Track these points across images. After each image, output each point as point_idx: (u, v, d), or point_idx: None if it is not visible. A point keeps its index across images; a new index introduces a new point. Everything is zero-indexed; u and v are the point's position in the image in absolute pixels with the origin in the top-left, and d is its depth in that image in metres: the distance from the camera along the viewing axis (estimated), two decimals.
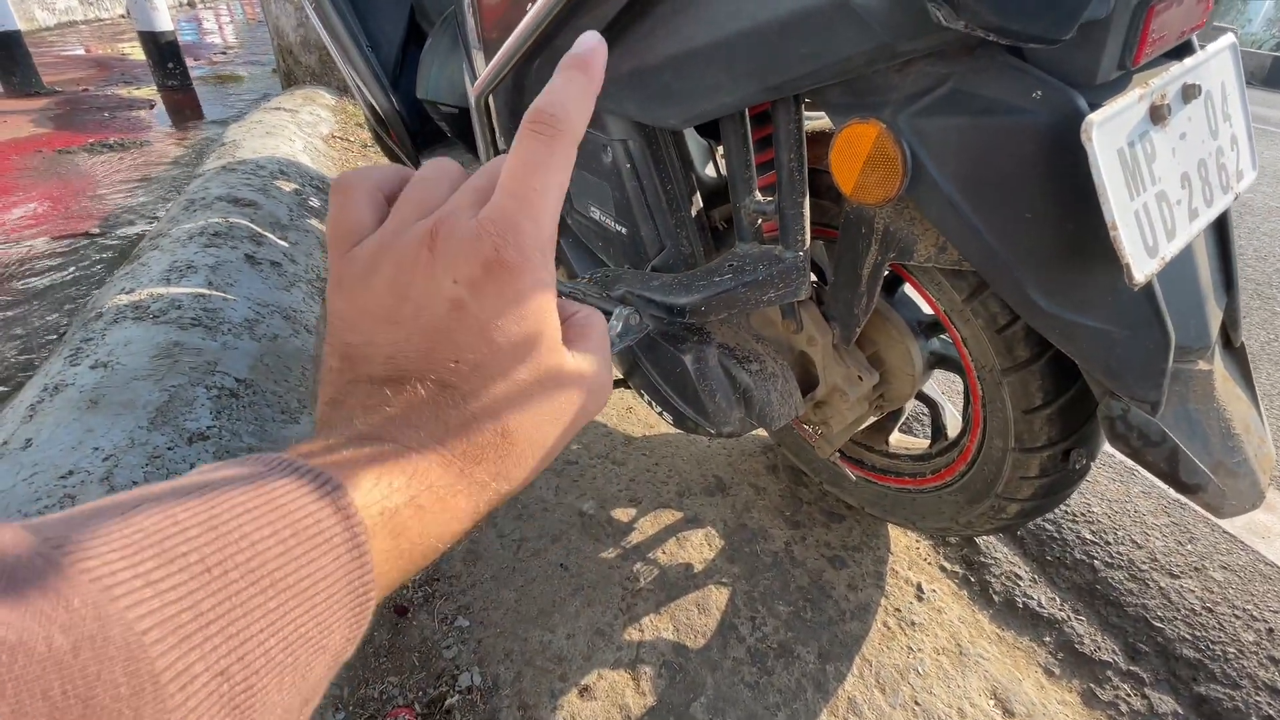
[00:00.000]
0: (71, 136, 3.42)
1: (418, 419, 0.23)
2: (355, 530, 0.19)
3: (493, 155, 1.08)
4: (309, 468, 0.19)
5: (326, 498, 0.19)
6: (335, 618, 0.18)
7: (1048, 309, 0.63)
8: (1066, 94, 0.55)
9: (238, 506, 0.17)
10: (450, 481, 0.23)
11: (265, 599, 0.16)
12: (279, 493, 0.18)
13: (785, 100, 0.68)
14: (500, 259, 0.23)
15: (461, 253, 0.23)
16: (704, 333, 0.92)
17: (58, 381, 1.14)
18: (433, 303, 0.23)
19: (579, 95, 0.24)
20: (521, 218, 0.23)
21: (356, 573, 0.19)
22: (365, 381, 0.24)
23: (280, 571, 0.17)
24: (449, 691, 0.92)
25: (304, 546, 0.18)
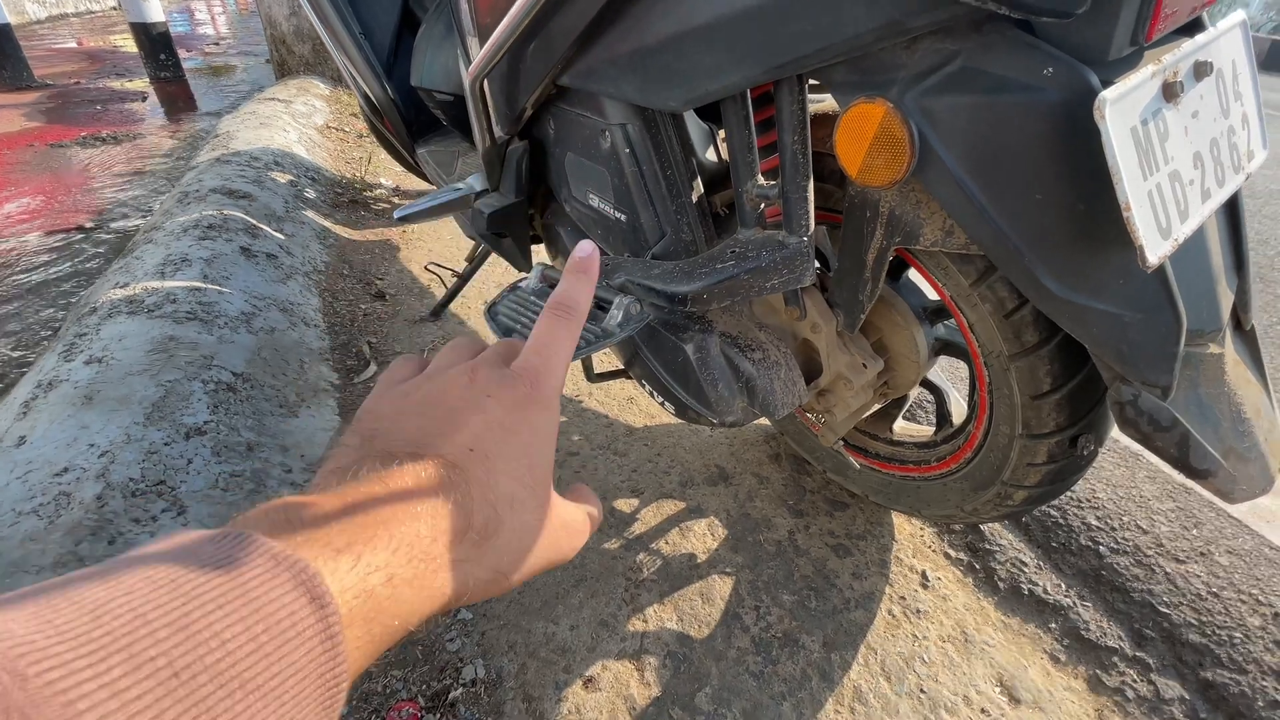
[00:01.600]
0: (64, 130, 3.39)
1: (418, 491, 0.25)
2: (330, 622, 0.19)
3: (488, 142, 1.06)
4: (285, 554, 0.19)
5: (301, 588, 0.19)
6: (304, 711, 0.18)
7: (1058, 293, 0.62)
8: (1079, 70, 0.54)
9: (209, 602, 0.17)
10: (431, 556, 0.24)
11: (233, 702, 0.16)
12: (252, 585, 0.18)
13: (789, 80, 0.66)
14: (530, 396, 0.30)
15: (499, 385, 0.30)
16: (705, 321, 0.91)
17: (52, 378, 1.13)
18: (466, 406, 0.29)
19: (586, 291, 0.34)
20: (545, 371, 0.31)
21: (328, 665, 0.19)
22: (381, 455, 0.26)
23: (250, 671, 0.17)
24: (453, 684, 0.91)
25: (276, 643, 0.18)
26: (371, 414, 0.30)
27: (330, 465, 0.27)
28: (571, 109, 0.92)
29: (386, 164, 2.95)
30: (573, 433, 1.39)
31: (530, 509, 0.28)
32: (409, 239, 2.29)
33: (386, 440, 0.27)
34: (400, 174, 2.83)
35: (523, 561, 0.28)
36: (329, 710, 0.19)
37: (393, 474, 0.25)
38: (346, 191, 2.59)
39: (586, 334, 0.80)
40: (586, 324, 0.82)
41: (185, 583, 0.17)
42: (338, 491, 0.24)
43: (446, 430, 0.28)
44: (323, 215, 2.27)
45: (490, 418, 0.28)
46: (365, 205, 2.53)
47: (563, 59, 0.81)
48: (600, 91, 0.82)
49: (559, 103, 0.94)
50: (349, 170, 2.82)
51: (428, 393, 0.30)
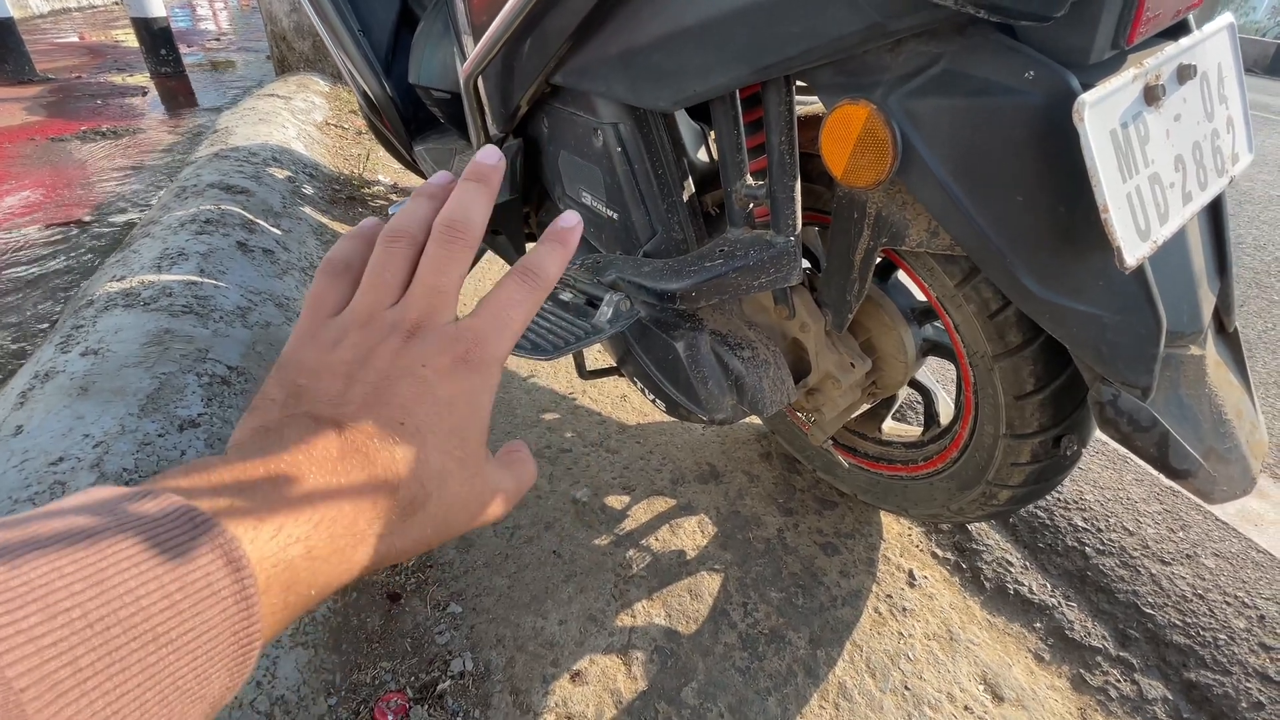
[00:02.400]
0: (64, 124, 3.39)
1: (345, 464, 0.24)
2: (245, 584, 0.19)
3: (482, 140, 1.07)
4: (204, 516, 0.20)
5: (218, 550, 0.19)
6: (216, 669, 0.19)
7: (1039, 294, 0.62)
8: (1059, 74, 0.54)
9: (125, 560, 0.17)
10: (354, 532, 0.24)
11: (145, 654, 0.17)
12: (170, 544, 0.18)
13: (776, 81, 0.67)
14: (469, 359, 0.28)
15: (435, 348, 0.28)
16: (696, 319, 0.91)
17: (48, 369, 1.14)
18: (398, 374, 0.27)
19: (558, 260, 0.32)
20: (494, 335, 0.29)
21: (242, 624, 0.19)
22: (307, 417, 0.25)
23: (163, 626, 0.17)
24: (441, 676, 0.92)
25: (190, 600, 0.18)
26: (295, 365, 0.28)
27: (253, 421, 0.26)
28: (565, 107, 0.92)
29: (385, 161, 2.95)
30: (565, 429, 1.40)
31: (460, 480, 0.27)
32: None
33: (312, 401, 0.26)
34: (398, 171, 2.84)
35: (446, 531, 0.27)
36: (241, 666, 0.20)
37: (317, 443, 0.24)
38: (344, 188, 2.59)
39: (576, 330, 0.81)
40: (577, 320, 0.83)
41: (102, 539, 0.17)
42: (261, 458, 0.23)
43: (375, 399, 0.26)
44: (320, 211, 2.27)
45: (424, 388, 0.27)
46: (363, 202, 2.53)
47: (555, 57, 0.82)
48: (593, 90, 0.83)
49: (553, 101, 0.94)
50: (347, 167, 2.83)
51: (357, 349, 0.28)
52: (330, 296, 0.31)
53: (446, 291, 0.29)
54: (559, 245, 0.32)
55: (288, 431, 0.25)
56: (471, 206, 0.31)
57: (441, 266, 0.29)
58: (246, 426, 0.26)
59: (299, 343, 0.29)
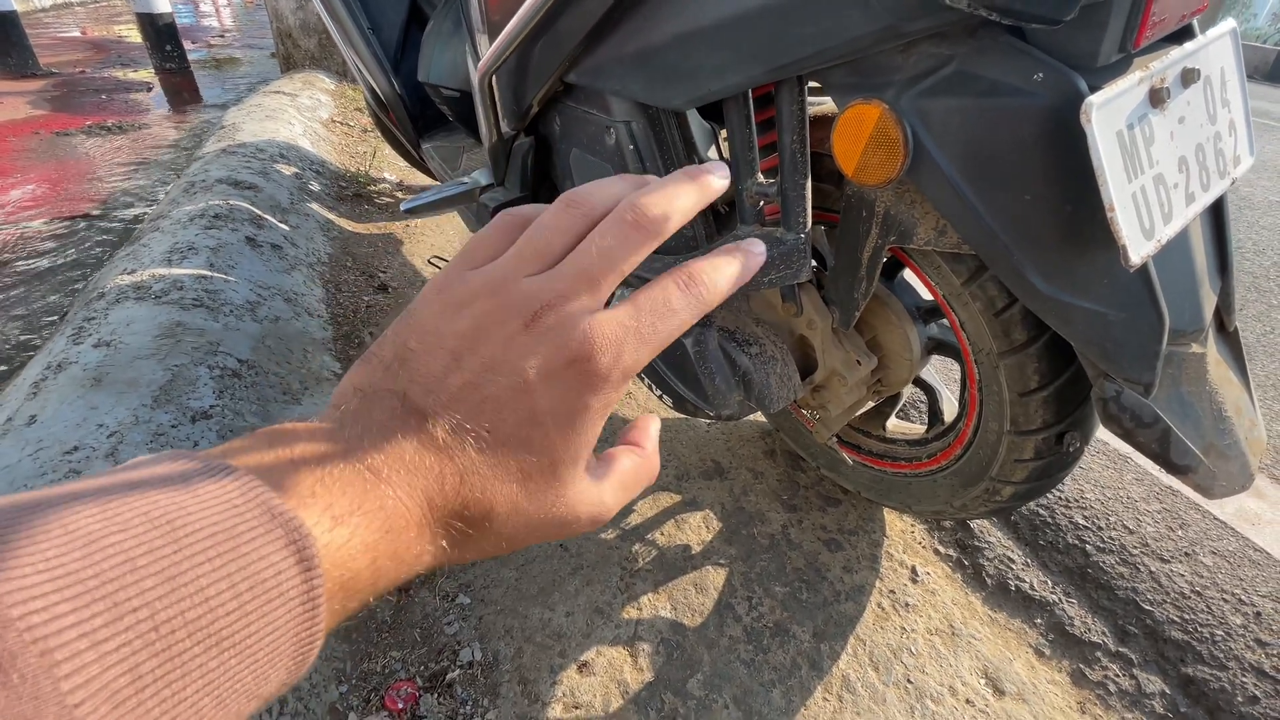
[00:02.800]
0: (69, 119, 3.40)
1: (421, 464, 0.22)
2: (314, 585, 0.19)
3: (494, 137, 1.08)
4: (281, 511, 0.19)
5: (292, 547, 0.18)
6: (275, 669, 0.18)
7: (1045, 291, 0.64)
8: (1067, 76, 0.56)
9: (199, 553, 0.17)
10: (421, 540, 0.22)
11: (208, 658, 0.16)
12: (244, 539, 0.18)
13: (789, 81, 0.68)
14: (589, 366, 0.23)
15: (558, 341, 0.23)
16: (704, 316, 0.93)
17: (61, 360, 1.15)
18: (500, 365, 0.23)
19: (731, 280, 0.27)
20: (630, 344, 0.24)
21: (306, 626, 0.19)
22: (397, 397, 0.23)
23: (230, 629, 0.17)
24: (450, 666, 0.93)
25: (259, 601, 0.17)
26: (414, 322, 0.25)
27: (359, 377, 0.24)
28: (577, 106, 0.94)
29: (390, 159, 2.97)
30: None
31: (536, 504, 0.24)
32: (412, 233, 2.31)
33: (410, 375, 0.24)
34: (404, 169, 2.85)
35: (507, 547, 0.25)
36: (299, 667, 0.19)
37: (398, 434, 0.22)
38: (350, 185, 2.61)
39: None
40: None
41: (179, 526, 0.17)
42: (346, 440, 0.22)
43: (469, 393, 0.23)
44: (327, 208, 2.28)
45: (522, 394, 0.23)
46: (369, 199, 2.55)
47: (570, 57, 0.83)
48: (606, 89, 0.84)
49: (565, 100, 0.96)
50: (353, 164, 2.84)
51: (474, 321, 0.24)
52: (489, 245, 0.27)
53: (600, 280, 0.25)
54: (739, 263, 0.27)
55: (377, 412, 0.23)
56: (675, 199, 0.26)
57: (609, 249, 0.25)
58: (354, 377, 0.24)
59: (432, 291, 0.26)
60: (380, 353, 0.24)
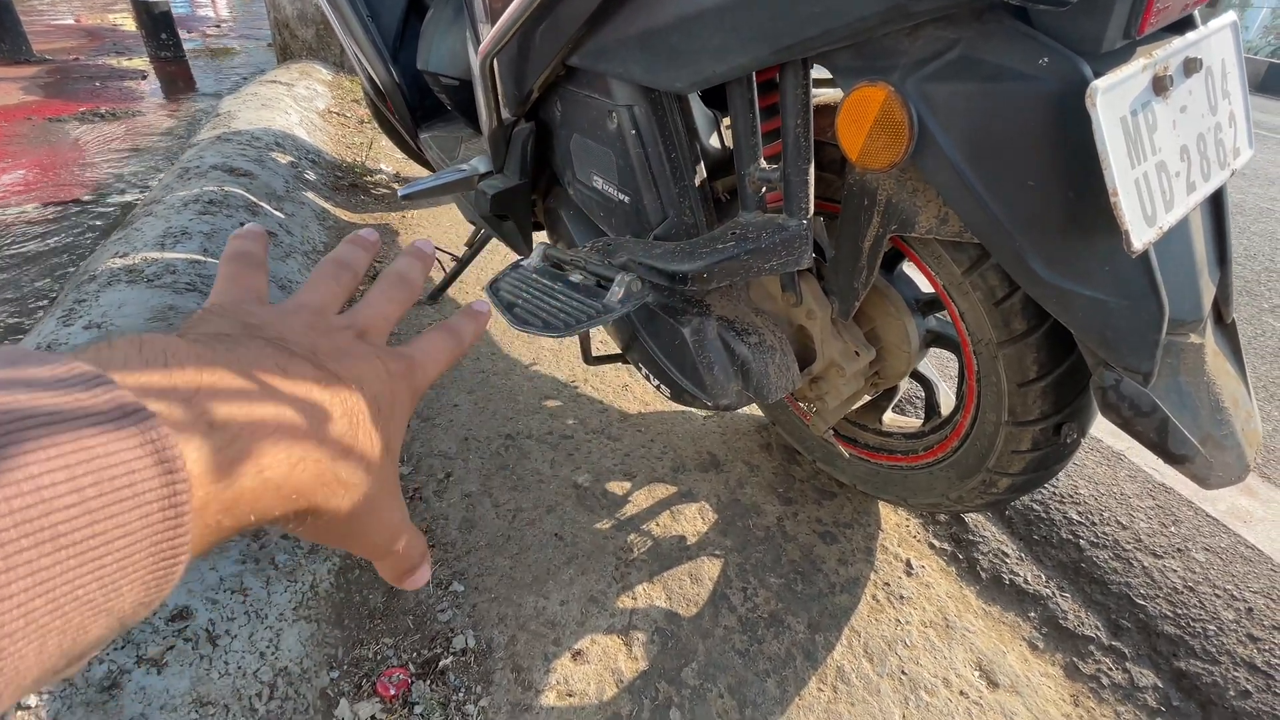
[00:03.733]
0: (62, 105, 3.36)
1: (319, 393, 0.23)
2: (177, 489, 0.17)
3: (494, 123, 1.07)
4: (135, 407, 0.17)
5: (148, 445, 0.16)
6: (128, 580, 0.16)
7: (1046, 278, 0.64)
8: (1072, 61, 0.56)
9: (30, 438, 0.15)
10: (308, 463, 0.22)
11: (39, 554, 0.14)
12: (88, 433, 0.16)
13: (794, 64, 0.68)
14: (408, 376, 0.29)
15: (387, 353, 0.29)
16: (703, 305, 0.92)
17: (50, 341, 1.13)
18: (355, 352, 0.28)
19: (474, 332, 0.35)
20: (427, 366, 0.31)
21: (167, 534, 0.17)
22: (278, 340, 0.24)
23: (67, 527, 0.15)
24: (443, 653, 0.93)
25: (104, 500, 0.15)
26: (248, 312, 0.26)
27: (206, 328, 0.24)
28: (579, 90, 0.93)
29: (387, 151, 2.95)
30: (567, 416, 1.41)
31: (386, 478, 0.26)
32: (408, 223, 2.30)
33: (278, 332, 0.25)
34: (400, 161, 2.84)
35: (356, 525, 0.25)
36: (161, 583, 0.17)
37: (293, 364, 0.23)
38: (347, 175, 2.59)
39: (587, 309, 0.82)
40: (588, 300, 0.84)
41: (8, 409, 0.15)
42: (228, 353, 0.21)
43: (340, 356, 0.26)
44: (322, 197, 2.27)
45: (378, 372, 0.27)
46: (365, 190, 2.53)
47: (572, 39, 0.83)
48: (608, 72, 0.84)
49: (566, 84, 0.95)
50: (350, 155, 2.82)
51: (313, 319, 0.28)
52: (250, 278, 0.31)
53: (389, 321, 0.32)
54: (473, 320, 0.35)
55: (259, 344, 0.23)
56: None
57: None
58: (198, 330, 0.23)
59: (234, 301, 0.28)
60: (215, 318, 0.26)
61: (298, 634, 0.88)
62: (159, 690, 0.73)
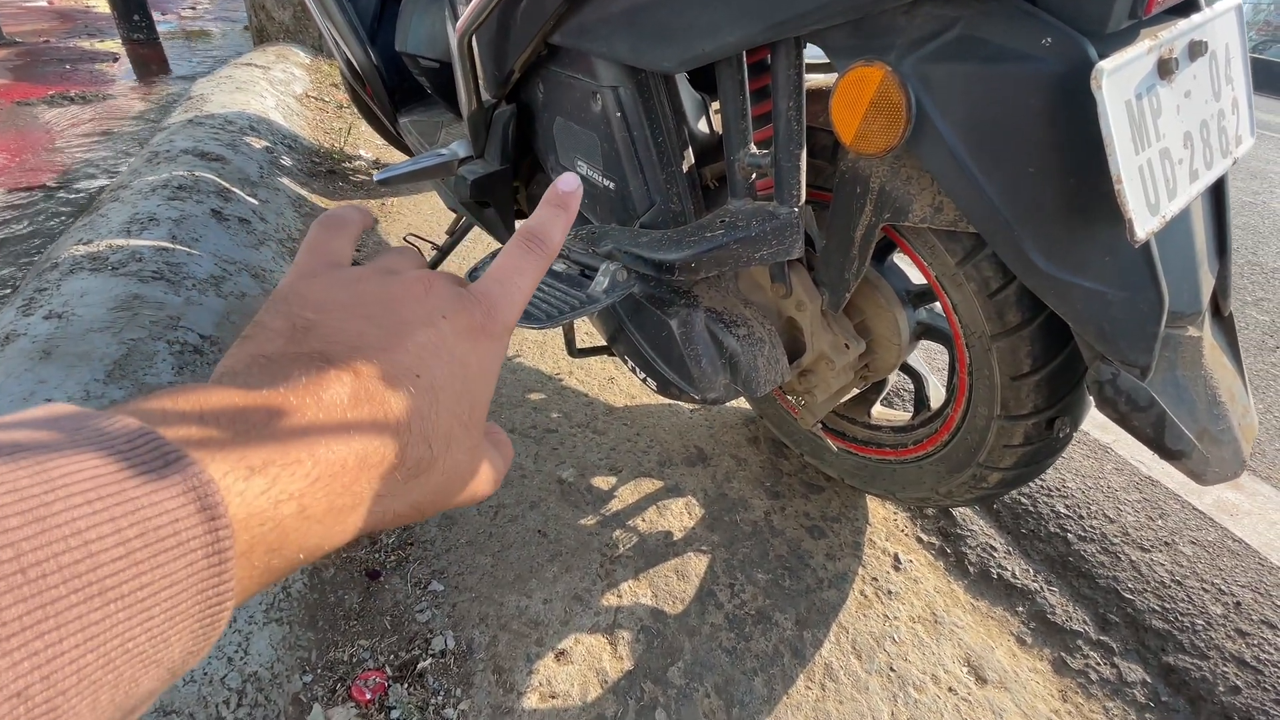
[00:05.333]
0: (30, 88, 3.25)
1: (357, 413, 0.22)
2: (220, 535, 0.17)
3: (474, 105, 1.03)
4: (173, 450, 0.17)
5: (191, 494, 0.16)
6: (176, 631, 0.16)
7: (1044, 268, 0.62)
8: (1077, 42, 0.54)
9: (76, 495, 0.15)
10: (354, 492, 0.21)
11: (88, 608, 0.14)
12: (131, 484, 0.15)
13: (786, 43, 0.65)
14: (484, 324, 0.27)
15: (454, 305, 0.27)
16: (691, 296, 0.90)
17: (9, 331, 1.08)
18: (418, 321, 0.25)
19: (561, 226, 0.31)
20: (505, 301, 0.28)
21: (212, 582, 0.17)
22: (318, 356, 0.23)
23: (115, 579, 0.15)
24: (422, 655, 0.90)
25: (150, 550, 0.15)
26: (303, 298, 0.26)
27: (249, 349, 0.23)
28: (562, 71, 0.90)
29: (367, 136, 2.88)
30: (551, 410, 1.38)
31: (464, 449, 0.26)
32: (388, 211, 2.24)
33: (323, 339, 0.24)
34: (380, 147, 2.77)
35: (441, 500, 0.26)
36: (209, 630, 0.17)
37: (328, 385, 0.22)
38: (324, 161, 2.52)
39: (571, 299, 0.78)
40: (572, 290, 0.80)
41: (50, 467, 0.15)
42: (262, 391, 0.20)
43: (393, 345, 0.24)
44: (299, 184, 2.21)
45: (442, 341, 0.25)
46: (343, 176, 2.47)
47: (555, 15, 0.79)
48: (592, 51, 0.80)
49: (549, 64, 0.92)
50: (328, 141, 2.75)
51: (376, 291, 0.26)
52: (333, 244, 0.29)
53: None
54: (561, 210, 0.31)
55: (294, 368, 0.22)
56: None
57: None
58: (241, 353, 0.23)
59: (301, 279, 0.27)
60: (269, 325, 0.24)
61: (268, 637, 0.84)
62: None
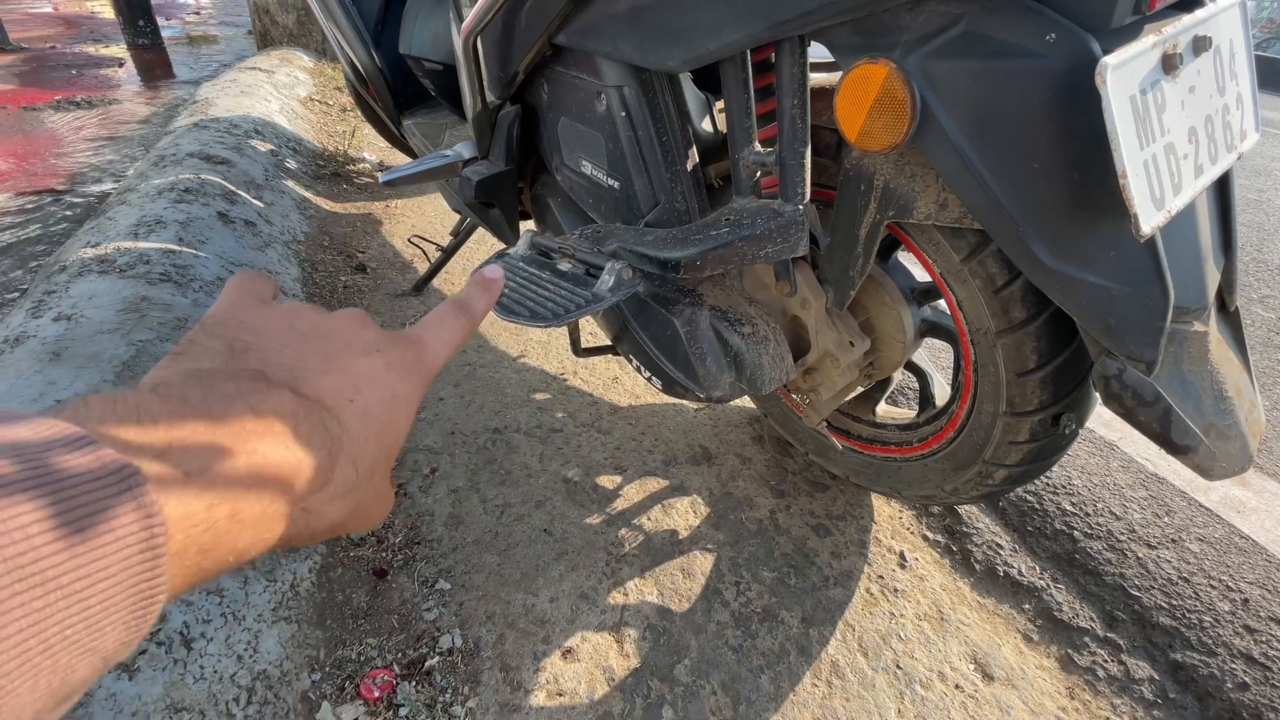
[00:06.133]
0: (37, 93, 3.28)
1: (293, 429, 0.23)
2: (154, 532, 0.18)
3: (479, 106, 1.04)
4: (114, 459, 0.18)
5: (127, 494, 0.18)
6: (111, 620, 0.17)
7: (1050, 264, 0.62)
8: (1081, 38, 0.54)
9: (18, 490, 0.16)
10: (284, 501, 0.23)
11: (30, 597, 0.15)
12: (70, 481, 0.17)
13: (790, 41, 0.65)
14: (414, 364, 0.29)
15: (389, 342, 0.29)
16: (695, 295, 0.90)
17: (19, 333, 1.09)
18: (354, 351, 0.28)
19: (485, 304, 0.34)
20: (434, 347, 0.31)
21: (146, 575, 0.18)
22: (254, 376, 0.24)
23: (55, 570, 0.16)
24: (429, 653, 0.90)
25: (88, 545, 0.16)
26: (239, 323, 0.27)
27: (186, 364, 0.24)
28: (567, 71, 0.90)
29: (370, 139, 2.89)
30: (556, 409, 1.38)
31: (380, 475, 0.28)
32: (392, 213, 2.25)
33: (261, 360, 0.25)
34: (384, 150, 2.78)
35: (354, 525, 0.27)
36: (140, 621, 0.18)
37: (266, 399, 0.23)
38: (329, 164, 2.53)
39: (576, 298, 0.79)
40: (577, 289, 0.81)
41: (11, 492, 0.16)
42: (203, 404, 0.22)
43: (330, 370, 0.26)
44: (304, 186, 2.22)
45: (376, 373, 0.27)
46: (348, 179, 2.48)
47: (559, 16, 0.80)
48: (597, 51, 0.81)
49: (553, 65, 0.92)
50: (332, 143, 2.77)
51: (314, 321, 0.28)
52: (257, 287, 0.30)
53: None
54: (486, 291, 0.35)
55: (234, 384, 0.23)
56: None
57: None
58: (175, 367, 0.24)
59: (235, 308, 0.28)
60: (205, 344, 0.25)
61: (277, 635, 0.85)
62: (130, 697, 0.70)
